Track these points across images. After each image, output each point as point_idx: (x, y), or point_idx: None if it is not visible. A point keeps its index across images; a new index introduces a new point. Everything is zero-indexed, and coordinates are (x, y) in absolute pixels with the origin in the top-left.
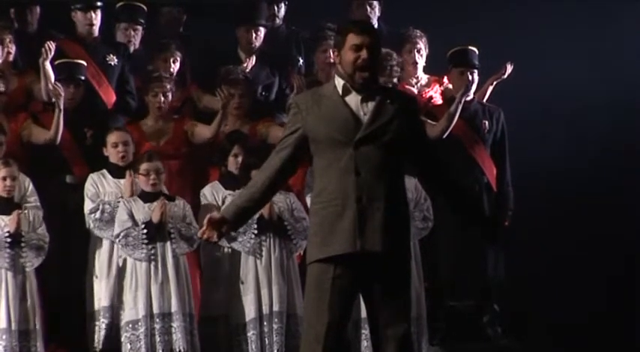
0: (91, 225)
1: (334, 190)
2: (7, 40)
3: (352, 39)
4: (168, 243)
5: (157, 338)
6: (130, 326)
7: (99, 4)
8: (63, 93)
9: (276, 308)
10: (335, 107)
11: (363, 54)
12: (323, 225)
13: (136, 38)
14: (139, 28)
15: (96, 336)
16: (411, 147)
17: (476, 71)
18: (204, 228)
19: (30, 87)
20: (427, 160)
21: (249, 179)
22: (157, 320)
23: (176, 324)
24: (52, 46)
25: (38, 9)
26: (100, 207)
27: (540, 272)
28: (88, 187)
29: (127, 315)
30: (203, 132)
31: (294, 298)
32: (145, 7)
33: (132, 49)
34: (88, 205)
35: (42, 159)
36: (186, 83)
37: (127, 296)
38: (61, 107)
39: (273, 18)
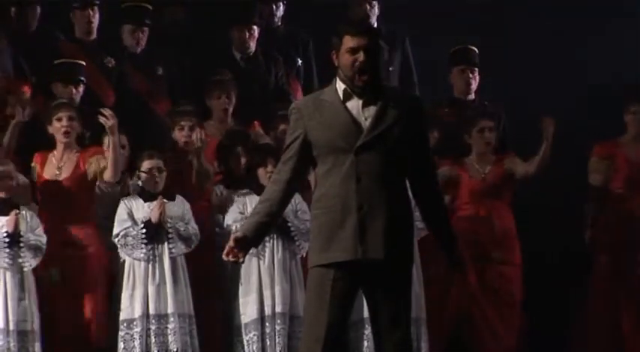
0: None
1: (334, 196)
2: None
3: (348, 41)
4: (166, 244)
5: (153, 339)
6: (125, 325)
7: (96, 1)
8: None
9: (278, 309)
10: (336, 113)
11: (360, 57)
12: (322, 231)
13: (142, 39)
14: (146, 29)
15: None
16: (410, 150)
17: (476, 70)
18: (229, 248)
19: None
20: (421, 168)
21: (254, 178)
22: (153, 321)
23: (172, 326)
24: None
25: (38, 9)
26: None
27: (541, 271)
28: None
29: (122, 314)
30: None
31: (297, 299)
32: (150, 8)
33: (139, 50)
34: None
35: None
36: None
37: (124, 295)
38: (116, 138)
39: (271, 17)
